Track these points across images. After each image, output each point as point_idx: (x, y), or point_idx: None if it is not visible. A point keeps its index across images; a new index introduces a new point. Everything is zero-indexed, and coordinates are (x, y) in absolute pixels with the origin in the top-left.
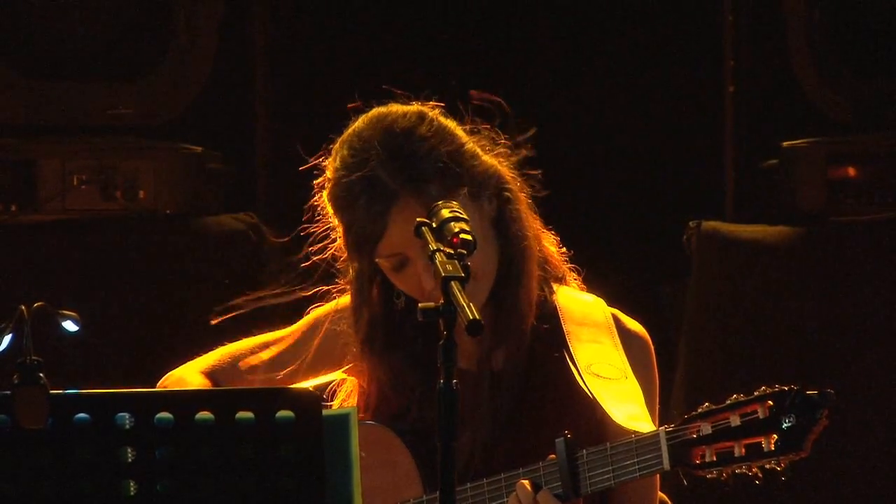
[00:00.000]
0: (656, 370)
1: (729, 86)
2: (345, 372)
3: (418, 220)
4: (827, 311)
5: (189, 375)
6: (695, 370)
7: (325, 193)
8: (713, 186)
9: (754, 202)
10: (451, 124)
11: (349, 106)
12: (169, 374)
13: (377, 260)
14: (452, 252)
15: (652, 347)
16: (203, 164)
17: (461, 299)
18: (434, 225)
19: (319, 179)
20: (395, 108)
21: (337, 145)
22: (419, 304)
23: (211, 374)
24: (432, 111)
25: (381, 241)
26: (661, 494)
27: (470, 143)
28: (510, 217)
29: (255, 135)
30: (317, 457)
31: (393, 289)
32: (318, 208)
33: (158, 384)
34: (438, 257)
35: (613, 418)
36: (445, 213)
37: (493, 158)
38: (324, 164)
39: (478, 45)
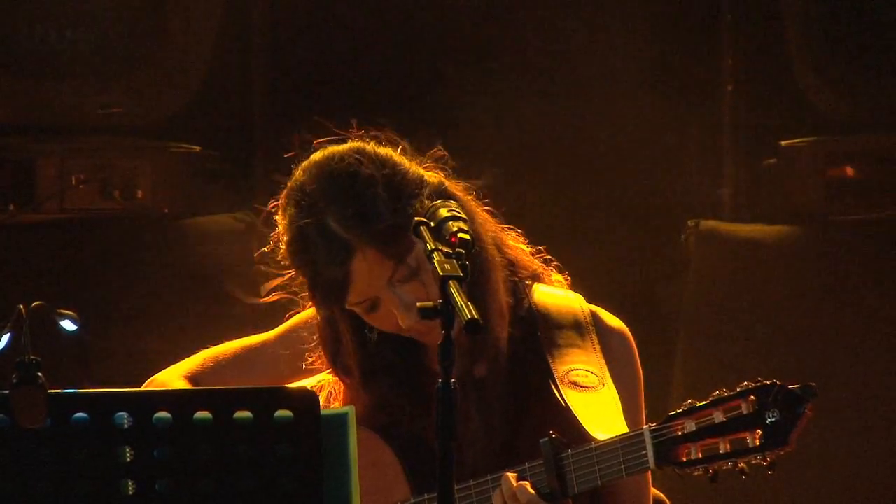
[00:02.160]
0: (639, 365)
1: (727, 85)
2: (331, 373)
3: (416, 219)
4: (825, 309)
5: (172, 381)
6: (693, 369)
7: (281, 248)
8: (712, 185)
9: (753, 201)
10: (389, 152)
11: (286, 154)
12: (151, 379)
13: (347, 307)
14: (451, 251)
15: (633, 342)
16: (201, 164)
17: (459, 298)
18: (432, 224)
19: (273, 234)
20: (332, 151)
21: (283, 200)
22: (418, 304)
23: (193, 378)
24: (369, 144)
25: (348, 291)
26: (659, 493)
27: (413, 168)
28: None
29: (254, 134)
30: (315, 456)
31: (364, 324)
32: (278, 258)
33: (143, 387)
34: (437, 256)
35: (591, 433)
36: (443, 212)
37: (439, 177)
38: (274, 216)
39: (476, 43)
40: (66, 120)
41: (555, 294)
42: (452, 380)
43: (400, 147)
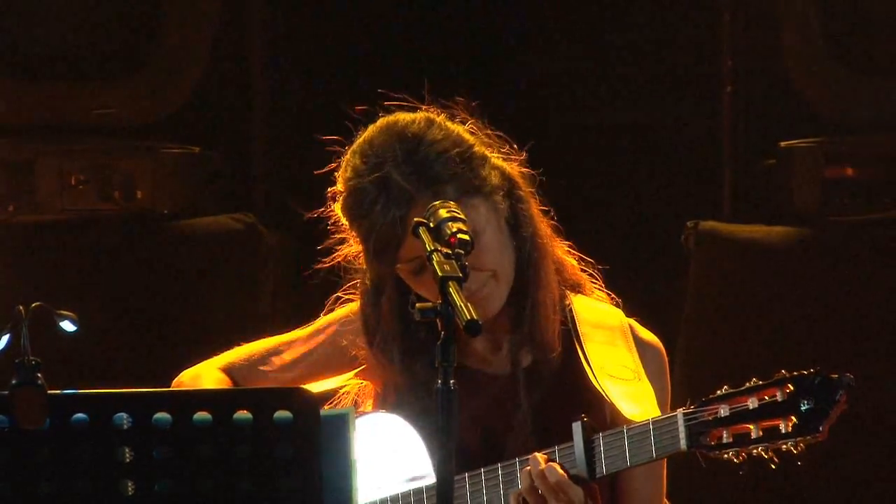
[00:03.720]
0: (669, 382)
1: (727, 86)
2: (357, 375)
3: (416, 219)
4: (824, 310)
5: (207, 372)
6: (692, 369)
7: (337, 205)
8: (711, 186)
9: (752, 202)
10: (458, 128)
11: (357, 108)
12: (185, 371)
13: (396, 266)
14: (450, 252)
15: (666, 358)
16: (201, 164)
17: (458, 299)
18: (431, 225)
19: (331, 190)
20: (402, 115)
21: (347, 156)
22: (416, 304)
23: (229, 370)
24: (439, 116)
25: (402, 246)
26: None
27: (478, 146)
28: (523, 216)
29: (253, 134)
30: (314, 457)
31: (407, 298)
32: (330, 220)
33: (174, 382)
34: (436, 257)
35: (626, 416)
36: (443, 213)
37: (501, 160)
38: (334, 175)
39: (476, 45)
40: (65, 121)
41: (593, 304)
42: (452, 380)
43: (469, 122)
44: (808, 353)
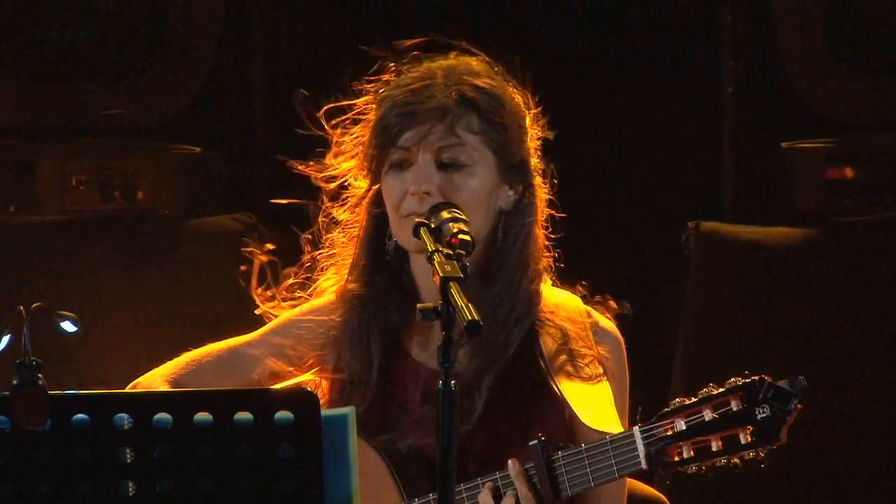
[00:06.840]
0: (627, 369)
1: (728, 87)
2: (314, 374)
3: (417, 220)
4: (825, 311)
5: (154, 384)
6: (693, 370)
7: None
8: (712, 187)
9: (753, 203)
10: (517, 95)
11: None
12: (135, 382)
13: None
14: (451, 252)
15: (624, 346)
16: (202, 165)
17: (460, 300)
18: (433, 226)
19: (366, 98)
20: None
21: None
22: (417, 305)
23: (176, 382)
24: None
25: (404, 132)
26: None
27: (525, 123)
28: (528, 201)
29: (254, 135)
30: (315, 457)
31: (386, 230)
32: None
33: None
34: (437, 258)
35: (583, 419)
36: (444, 214)
37: (532, 144)
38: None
39: (476, 44)
40: (66, 121)
41: (552, 292)
42: (453, 381)
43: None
44: (809, 353)
